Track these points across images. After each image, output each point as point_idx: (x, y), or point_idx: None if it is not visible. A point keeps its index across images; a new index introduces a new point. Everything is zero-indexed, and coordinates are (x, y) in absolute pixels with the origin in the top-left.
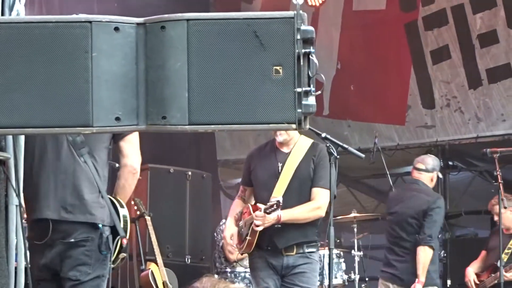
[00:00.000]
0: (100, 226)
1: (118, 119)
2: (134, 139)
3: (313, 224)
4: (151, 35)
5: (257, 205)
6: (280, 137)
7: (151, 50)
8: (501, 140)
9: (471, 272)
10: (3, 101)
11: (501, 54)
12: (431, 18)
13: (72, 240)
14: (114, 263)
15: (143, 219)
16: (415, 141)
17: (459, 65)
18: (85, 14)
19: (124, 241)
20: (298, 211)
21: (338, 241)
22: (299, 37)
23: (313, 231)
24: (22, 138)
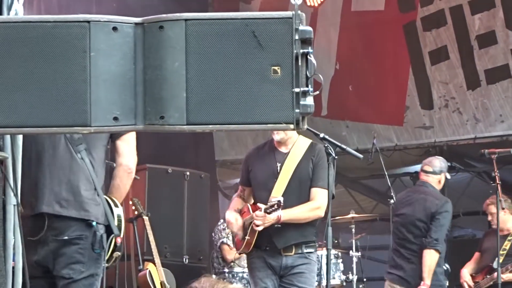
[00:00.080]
0: (94, 224)
1: (116, 119)
2: (131, 138)
3: (312, 224)
4: (149, 35)
5: (257, 205)
6: (277, 135)
7: (149, 50)
8: (499, 141)
9: (466, 273)
10: (1, 101)
11: (499, 55)
12: (429, 19)
13: (65, 238)
14: (108, 262)
15: (141, 219)
16: (413, 141)
17: (458, 66)
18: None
19: (118, 239)
20: (298, 211)
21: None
22: (297, 37)
23: (312, 231)
24: (20, 138)
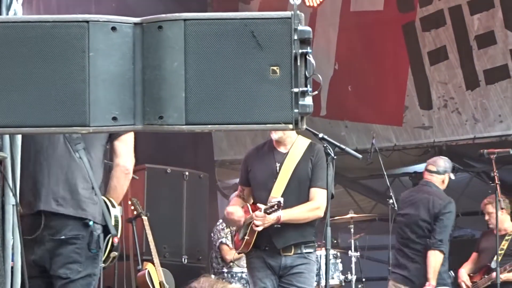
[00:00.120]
0: (91, 223)
1: (115, 119)
2: (129, 139)
3: (311, 224)
4: (148, 35)
5: (256, 205)
6: (275, 134)
7: (148, 50)
8: (498, 141)
9: (464, 274)
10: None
11: (498, 55)
12: (428, 19)
13: (62, 237)
14: (105, 262)
15: (140, 219)
16: (412, 142)
17: (457, 66)
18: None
19: (116, 239)
20: (298, 211)
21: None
22: (296, 37)
23: (311, 231)
24: (19, 138)
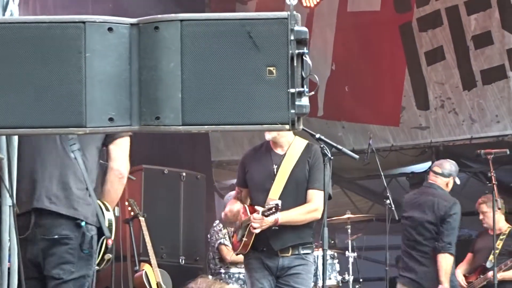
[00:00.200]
0: (83, 224)
1: (111, 119)
2: (124, 143)
3: (309, 226)
4: (145, 36)
5: (254, 207)
6: (269, 135)
7: (145, 50)
8: (495, 141)
9: (459, 274)
10: None
11: (495, 55)
12: (425, 19)
13: (55, 237)
14: (100, 264)
15: (137, 220)
16: (409, 142)
17: (454, 66)
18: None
19: (109, 241)
20: (296, 213)
21: (332, 242)
22: (292, 37)
23: (309, 233)
24: (16, 139)
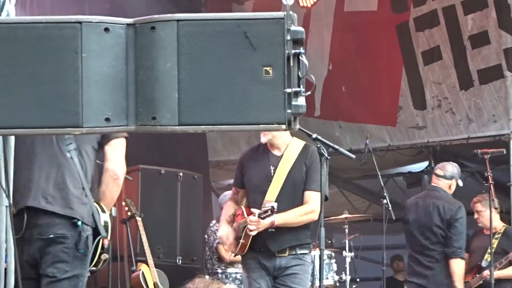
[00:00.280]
0: (79, 223)
1: (107, 119)
2: (119, 144)
3: (306, 227)
4: (141, 36)
5: (251, 209)
6: (264, 137)
7: (141, 50)
8: (492, 141)
9: None
10: None
11: (492, 55)
12: (422, 19)
13: (51, 236)
14: (97, 265)
15: (134, 220)
16: (406, 142)
17: (450, 66)
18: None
19: (106, 241)
20: (292, 215)
21: (329, 242)
22: (289, 37)
23: (306, 233)
24: (12, 139)
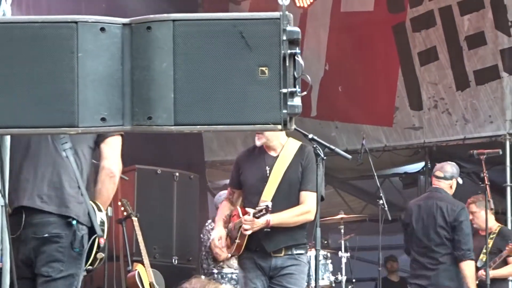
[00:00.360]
0: (74, 222)
1: (103, 119)
2: (115, 142)
3: (302, 227)
4: (137, 36)
5: (246, 209)
6: (258, 141)
7: (137, 50)
8: (488, 141)
9: None
10: None
11: (488, 55)
12: (419, 20)
13: (46, 235)
14: (93, 264)
15: (130, 220)
16: (402, 142)
17: (447, 66)
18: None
19: (102, 240)
20: (288, 215)
21: (325, 242)
22: (285, 38)
23: (302, 234)
24: (8, 139)
